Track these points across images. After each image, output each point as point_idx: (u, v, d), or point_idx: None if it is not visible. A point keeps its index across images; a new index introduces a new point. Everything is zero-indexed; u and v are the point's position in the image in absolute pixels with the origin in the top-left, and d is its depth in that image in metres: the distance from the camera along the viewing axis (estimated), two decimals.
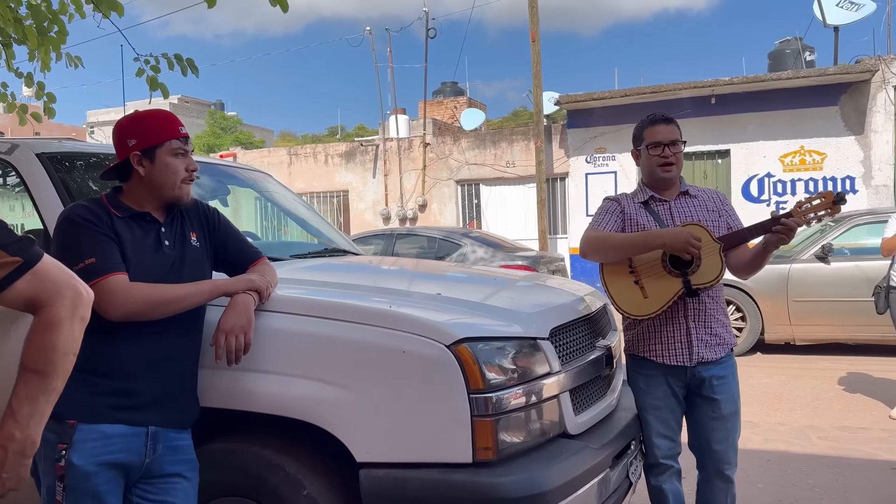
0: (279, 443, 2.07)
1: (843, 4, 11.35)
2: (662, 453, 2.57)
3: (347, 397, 1.96)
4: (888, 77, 10.10)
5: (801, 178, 10.72)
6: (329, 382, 1.98)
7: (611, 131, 11.74)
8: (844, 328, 7.01)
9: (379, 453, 1.94)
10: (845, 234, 7.21)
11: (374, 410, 1.95)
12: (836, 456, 4.08)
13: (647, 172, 2.60)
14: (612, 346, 2.58)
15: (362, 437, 1.95)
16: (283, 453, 2.04)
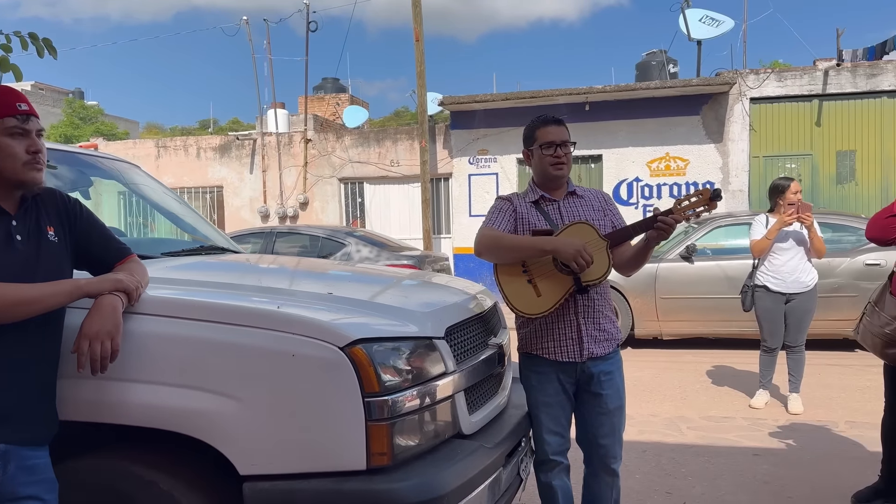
0: (153, 457, 1.89)
1: (705, 20, 12.20)
2: (552, 450, 2.60)
3: (229, 406, 1.81)
4: (744, 90, 10.96)
5: (666, 182, 11.40)
6: (208, 391, 1.83)
7: (492, 134, 11.97)
8: (707, 323, 7.51)
9: (265, 465, 1.81)
10: (707, 235, 7.72)
11: (259, 419, 1.81)
12: (704, 444, 4.33)
13: (539, 172, 2.62)
14: (503, 344, 2.58)
15: (246, 448, 1.81)
16: (157, 468, 1.86)
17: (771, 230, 4.84)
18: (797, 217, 4.73)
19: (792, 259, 4.88)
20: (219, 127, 38.65)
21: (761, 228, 4.99)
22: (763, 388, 5.17)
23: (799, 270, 4.88)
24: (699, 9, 12.34)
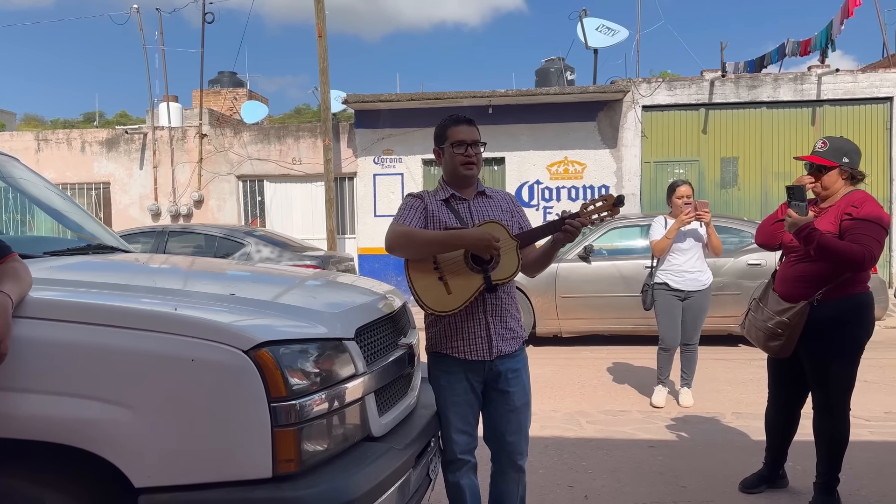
0: (41, 472, 1.74)
1: (601, 29, 12.67)
2: (461, 449, 2.60)
3: (122, 415, 1.69)
4: (637, 98, 11.46)
5: (564, 185, 11.76)
6: (99, 399, 1.70)
7: (398, 134, 11.93)
8: (604, 321, 7.80)
9: (162, 476, 1.71)
10: (603, 236, 8.02)
11: (155, 428, 1.70)
12: (603, 438, 4.47)
13: (450, 171, 2.63)
14: (413, 345, 2.55)
15: (141, 459, 1.70)
16: (43, 484, 1.71)
17: (671, 230, 5.01)
18: (696, 215, 4.89)
19: (690, 258, 5.07)
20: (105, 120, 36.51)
21: (661, 229, 5.14)
22: (662, 386, 5.30)
23: (697, 269, 5.08)
24: (596, 18, 12.81)
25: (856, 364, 3.16)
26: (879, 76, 11.08)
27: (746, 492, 3.49)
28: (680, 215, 4.95)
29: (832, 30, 10.76)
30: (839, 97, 11.09)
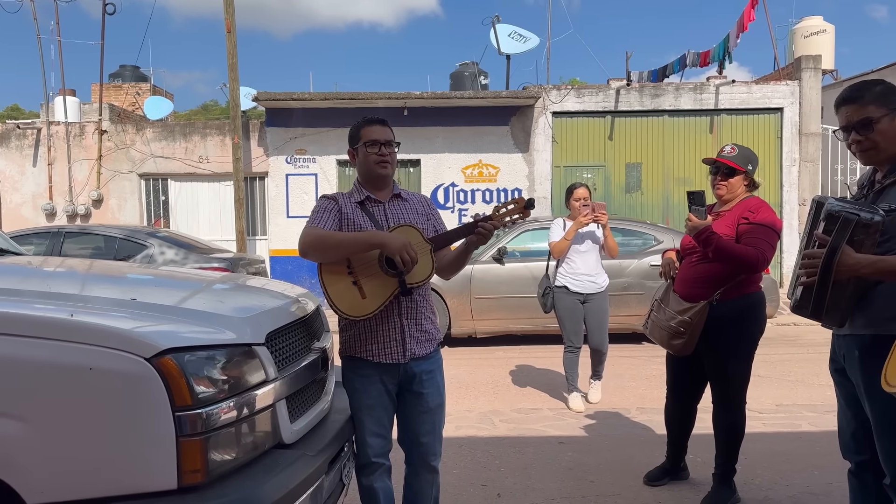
0: None
1: (514, 36, 12.92)
2: (374, 452, 2.59)
3: (13, 428, 1.59)
4: (547, 104, 11.75)
5: (479, 188, 11.91)
6: None
7: (311, 133, 11.74)
8: (516, 321, 7.95)
9: (59, 492, 1.62)
10: (516, 238, 8.18)
11: (50, 442, 1.61)
12: (515, 436, 4.56)
13: (364, 171, 2.62)
14: (326, 349, 2.52)
15: (35, 475, 1.60)
16: None
17: (569, 231, 5.05)
18: (593, 217, 4.94)
19: (588, 261, 5.13)
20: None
21: (560, 230, 5.20)
22: (575, 391, 5.27)
23: (594, 272, 5.15)
24: (508, 24, 13.05)
25: (751, 359, 3.36)
26: (771, 88, 11.82)
27: (650, 484, 3.64)
28: (578, 217, 4.99)
29: (729, 43, 11.41)
30: (735, 107, 11.74)
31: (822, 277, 2.05)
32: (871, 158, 2.27)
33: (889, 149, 2.22)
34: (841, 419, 2.49)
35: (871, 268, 2.04)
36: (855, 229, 2.02)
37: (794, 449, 4.18)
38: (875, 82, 2.27)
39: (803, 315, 2.22)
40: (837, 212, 2.05)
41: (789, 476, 3.74)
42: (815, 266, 2.08)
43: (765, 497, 3.47)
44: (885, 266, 2.03)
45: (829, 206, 2.09)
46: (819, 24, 15.25)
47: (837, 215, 2.04)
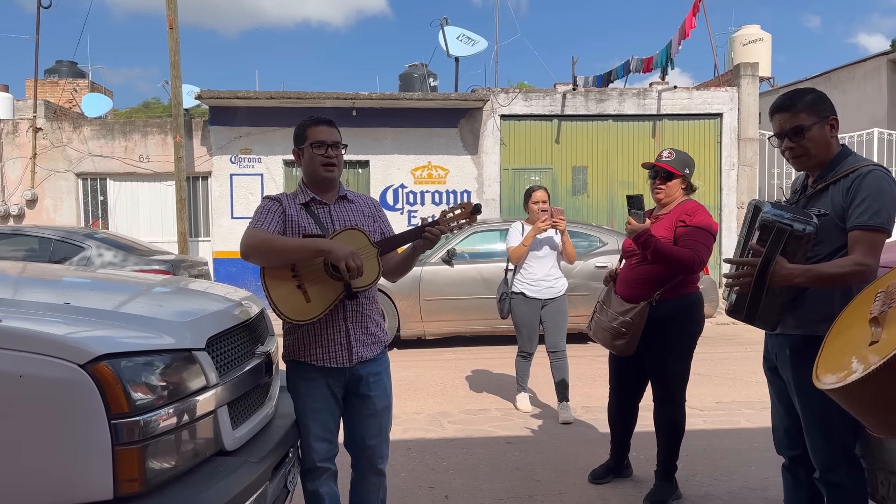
0: None
1: (462, 39, 12.97)
2: (320, 456, 2.56)
3: None
4: (496, 107, 11.85)
5: (428, 190, 11.92)
6: None
7: (256, 133, 11.54)
8: (466, 322, 7.98)
9: None
10: (465, 240, 8.21)
11: None
12: (463, 437, 4.57)
13: (309, 173, 2.58)
14: (271, 353, 2.48)
15: None
16: None
17: (527, 237, 4.89)
18: (552, 223, 4.76)
19: (546, 267, 4.99)
20: None
21: (518, 235, 5.04)
22: (523, 392, 5.26)
23: (553, 277, 5.02)
24: (457, 27, 13.10)
25: (690, 358, 3.45)
26: (711, 94, 12.18)
27: (595, 482, 3.70)
28: (536, 222, 4.81)
29: (671, 49, 11.71)
30: (677, 112, 12.07)
31: (756, 286, 2.12)
32: (803, 164, 2.37)
33: (819, 155, 2.32)
34: (774, 416, 2.59)
35: (803, 277, 2.12)
36: (788, 240, 2.08)
37: (733, 445, 4.31)
38: (807, 91, 2.38)
39: (738, 318, 2.29)
40: (771, 222, 2.10)
41: (728, 471, 3.85)
42: (751, 275, 2.14)
43: (705, 493, 3.57)
44: (815, 275, 2.12)
45: (764, 215, 2.14)
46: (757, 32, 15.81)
47: (772, 225, 2.10)
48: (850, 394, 1.54)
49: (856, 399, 1.57)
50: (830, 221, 2.22)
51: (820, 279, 2.12)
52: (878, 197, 2.15)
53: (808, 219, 2.17)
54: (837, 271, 2.12)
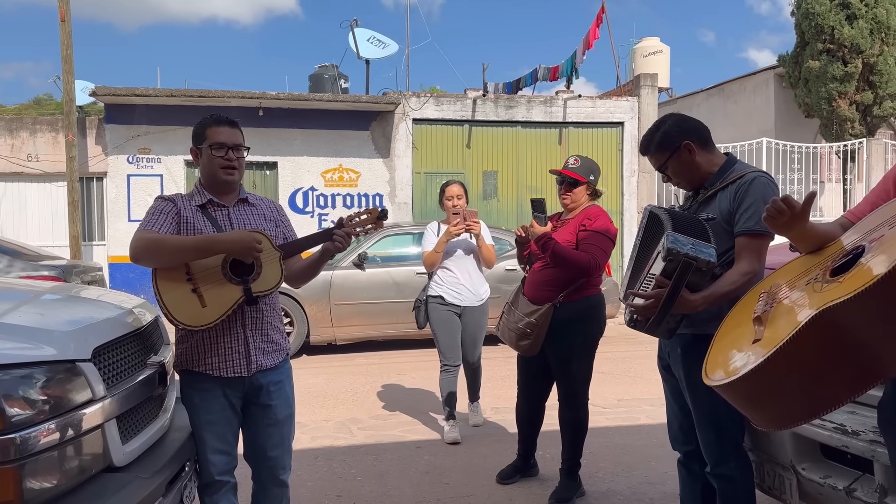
0: None
1: (372, 41, 12.91)
2: (218, 470, 2.45)
3: None
4: (408, 111, 11.85)
5: (340, 192, 11.77)
6: None
7: (156, 132, 11.05)
8: (377, 327, 7.92)
9: None
10: (377, 244, 8.16)
11: None
12: (372, 443, 4.53)
13: (208, 174, 2.47)
14: (165, 362, 2.36)
15: None
16: None
17: (439, 243, 4.48)
18: (465, 227, 4.38)
19: (467, 270, 4.58)
20: None
21: (432, 238, 4.60)
22: (452, 421, 4.59)
23: (475, 282, 4.60)
24: (367, 29, 13.03)
25: (592, 358, 3.56)
26: (614, 103, 12.65)
27: (502, 483, 3.75)
28: (448, 226, 4.42)
29: (576, 59, 12.09)
30: (581, 120, 12.45)
31: (660, 313, 2.18)
32: (686, 187, 2.54)
33: (693, 177, 2.48)
34: (669, 412, 2.70)
35: (705, 303, 2.19)
36: (692, 273, 2.13)
37: (634, 441, 4.48)
38: (657, 127, 2.49)
39: (638, 330, 2.35)
40: (676, 254, 2.09)
41: (629, 467, 3.99)
42: (655, 307, 2.18)
43: (607, 489, 3.68)
44: (714, 298, 2.20)
45: (670, 246, 2.11)
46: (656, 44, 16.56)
47: (676, 259, 2.09)
48: (735, 390, 1.62)
49: (740, 395, 1.65)
50: (719, 225, 2.34)
51: (718, 300, 2.20)
52: (762, 203, 2.27)
53: (707, 241, 2.19)
54: (731, 288, 2.20)
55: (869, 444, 2.12)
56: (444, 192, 4.57)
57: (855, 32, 11.68)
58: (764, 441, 2.56)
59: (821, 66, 11.98)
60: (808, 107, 12.71)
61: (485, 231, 4.60)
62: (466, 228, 4.40)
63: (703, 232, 2.24)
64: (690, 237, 2.16)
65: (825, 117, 12.32)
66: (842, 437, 2.21)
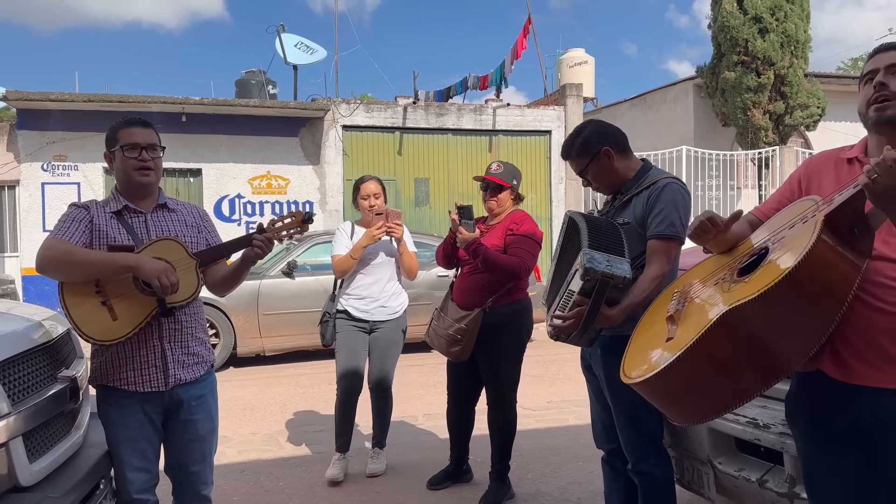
0: None
1: (300, 46, 12.76)
2: (137, 488, 2.35)
3: None
4: (337, 117, 11.75)
5: (268, 200, 11.56)
6: None
7: (73, 138, 10.58)
8: (308, 336, 7.76)
9: None
10: (306, 252, 8.04)
11: None
12: (301, 456, 4.44)
13: (123, 178, 2.38)
14: (77, 377, 2.26)
15: None
16: None
17: (356, 248, 3.83)
18: (387, 229, 3.81)
19: (380, 279, 3.97)
20: None
21: (344, 240, 3.96)
22: (340, 455, 3.98)
23: (389, 293, 4.00)
24: (295, 35, 12.89)
25: (520, 362, 3.60)
26: (541, 112, 12.90)
27: (433, 489, 3.75)
28: (369, 229, 3.82)
29: (504, 69, 12.28)
30: (510, 128, 12.65)
31: (583, 328, 2.21)
32: (605, 192, 2.62)
33: (611, 182, 2.56)
34: (592, 412, 2.76)
35: (622, 315, 2.24)
36: (610, 290, 2.17)
37: (562, 442, 4.55)
38: (578, 133, 2.57)
39: (561, 341, 2.37)
40: (594, 273, 2.11)
41: (558, 468, 4.06)
42: (576, 326, 2.20)
43: (536, 490, 3.73)
44: (631, 308, 2.24)
45: (586, 262, 2.13)
46: (582, 55, 16.98)
47: (594, 278, 2.11)
48: (651, 387, 1.67)
49: (656, 392, 1.70)
50: (633, 230, 2.42)
51: (634, 309, 2.25)
52: (673, 208, 2.37)
53: (622, 254, 2.22)
54: (645, 296, 2.26)
55: (779, 437, 2.22)
56: (360, 190, 3.94)
57: (767, 45, 12.30)
58: (682, 437, 2.65)
59: (736, 77, 12.55)
60: (724, 116, 13.28)
61: (407, 237, 3.98)
62: (388, 231, 3.81)
63: (617, 243, 2.26)
64: (605, 252, 2.18)
65: (741, 126, 12.90)
66: (754, 431, 2.32)
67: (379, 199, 3.93)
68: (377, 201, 3.91)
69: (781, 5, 12.41)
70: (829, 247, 1.50)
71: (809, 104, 12.75)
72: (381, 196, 3.95)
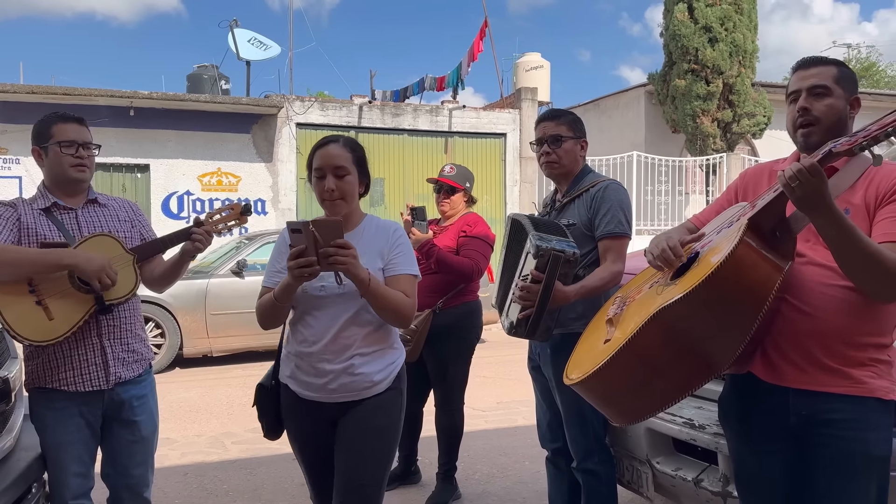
0: None
1: (253, 42, 12.58)
2: (73, 493, 2.29)
3: None
4: (291, 115, 11.61)
5: (218, 197, 11.35)
6: None
7: (15, 131, 10.20)
8: (257, 336, 7.65)
9: None
10: (257, 251, 7.93)
11: None
12: (247, 458, 4.38)
13: (55, 174, 2.31)
14: (9, 378, 2.18)
15: None
16: None
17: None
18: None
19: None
20: None
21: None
22: None
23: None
24: (248, 30, 12.69)
25: (469, 363, 3.62)
26: (497, 115, 12.99)
27: None
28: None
29: (461, 70, 12.33)
30: (466, 130, 12.69)
31: (538, 308, 2.26)
32: (553, 171, 2.64)
33: (568, 166, 2.61)
34: (538, 412, 2.80)
35: (578, 294, 2.34)
36: (562, 265, 2.24)
37: (510, 443, 4.59)
38: (571, 112, 2.70)
39: (519, 337, 2.41)
40: (546, 249, 2.19)
41: (505, 468, 4.09)
42: (533, 300, 2.26)
43: (483, 490, 3.76)
44: (586, 291, 2.36)
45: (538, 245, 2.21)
46: (537, 60, 17.14)
47: (546, 254, 2.19)
48: (587, 386, 1.71)
49: (593, 391, 1.74)
50: (578, 230, 2.50)
51: (589, 293, 2.38)
52: (618, 208, 2.48)
53: (566, 236, 2.35)
54: (601, 283, 2.40)
55: (713, 437, 2.29)
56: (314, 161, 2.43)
57: (716, 54, 12.63)
58: (622, 437, 2.70)
59: (686, 84, 12.86)
60: (674, 123, 13.60)
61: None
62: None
63: (561, 232, 2.39)
64: (552, 235, 2.28)
65: (690, 133, 13.22)
66: (690, 431, 2.38)
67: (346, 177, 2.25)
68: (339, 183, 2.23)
69: (731, 16, 12.77)
70: (752, 248, 1.57)
71: (756, 113, 13.15)
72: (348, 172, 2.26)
